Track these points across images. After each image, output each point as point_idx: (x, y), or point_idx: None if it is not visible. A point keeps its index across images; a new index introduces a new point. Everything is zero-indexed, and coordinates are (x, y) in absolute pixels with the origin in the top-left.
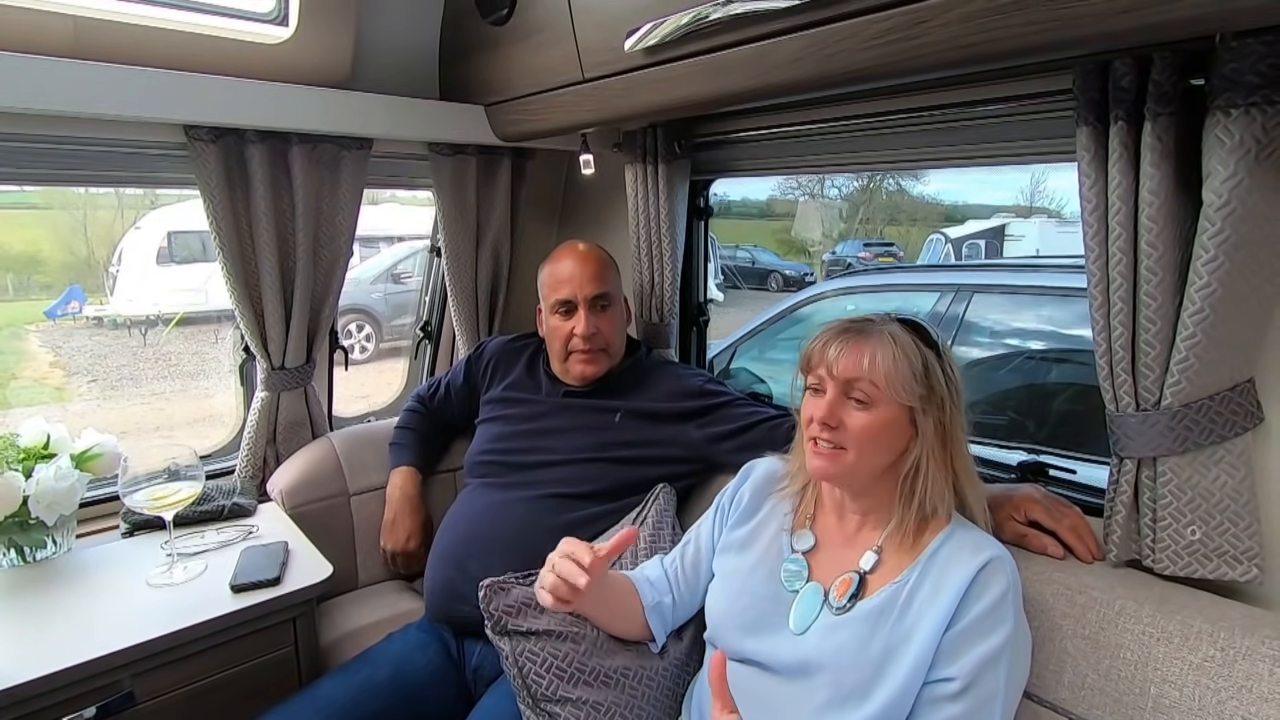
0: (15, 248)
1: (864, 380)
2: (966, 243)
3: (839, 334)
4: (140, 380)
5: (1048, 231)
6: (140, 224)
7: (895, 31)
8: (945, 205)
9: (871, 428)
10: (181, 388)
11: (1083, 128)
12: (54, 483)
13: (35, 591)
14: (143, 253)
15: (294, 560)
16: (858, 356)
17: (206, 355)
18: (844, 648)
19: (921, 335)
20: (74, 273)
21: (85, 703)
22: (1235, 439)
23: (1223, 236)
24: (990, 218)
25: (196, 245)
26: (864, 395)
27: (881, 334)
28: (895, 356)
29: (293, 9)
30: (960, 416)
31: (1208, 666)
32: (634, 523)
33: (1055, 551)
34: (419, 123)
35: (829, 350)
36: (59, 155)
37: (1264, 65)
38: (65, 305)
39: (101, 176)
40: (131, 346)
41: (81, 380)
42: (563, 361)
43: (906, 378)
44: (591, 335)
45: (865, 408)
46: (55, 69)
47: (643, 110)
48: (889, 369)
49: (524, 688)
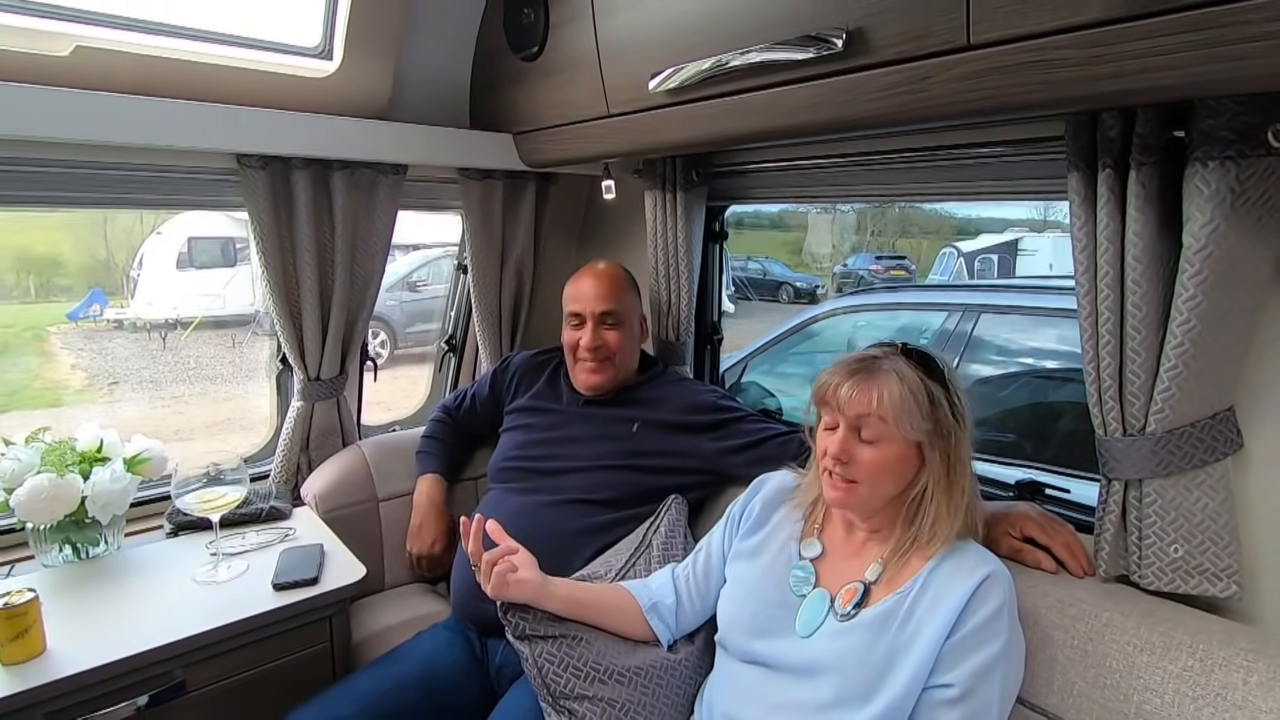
0: (37, 249)
1: (873, 418)
2: (979, 257)
3: (849, 374)
4: (160, 384)
5: (1061, 247)
6: (161, 229)
7: (901, 85)
8: (958, 219)
9: (881, 462)
10: (201, 391)
11: (1073, 173)
12: (109, 484)
13: (90, 586)
14: (163, 257)
15: (329, 561)
16: (866, 397)
17: (224, 360)
18: (848, 652)
19: (927, 368)
20: (94, 275)
21: (139, 690)
22: (1216, 463)
23: (1201, 277)
24: (1003, 232)
25: (216, 251)
26: (874, 434)
27: (889, 373)
28: (903, 395)
29: (337, 44)
30: (966, 441)
31: (1187, 676)
32: (647, 533)
33: (1048, 566)
34: (452, 150)
35: (840, 391)
36: (118, 180)
37: (1238, 122)
38: (87, 308)
39: (157, 200)
40: (151, 350)
41: (102, 382)
42: (572, 369)
43: (913, 414)
44: (595, 347)
45: (875, 444)
46: (128, 106)
47: (664, 145)
48: (896, 408)
49: (544, 687)
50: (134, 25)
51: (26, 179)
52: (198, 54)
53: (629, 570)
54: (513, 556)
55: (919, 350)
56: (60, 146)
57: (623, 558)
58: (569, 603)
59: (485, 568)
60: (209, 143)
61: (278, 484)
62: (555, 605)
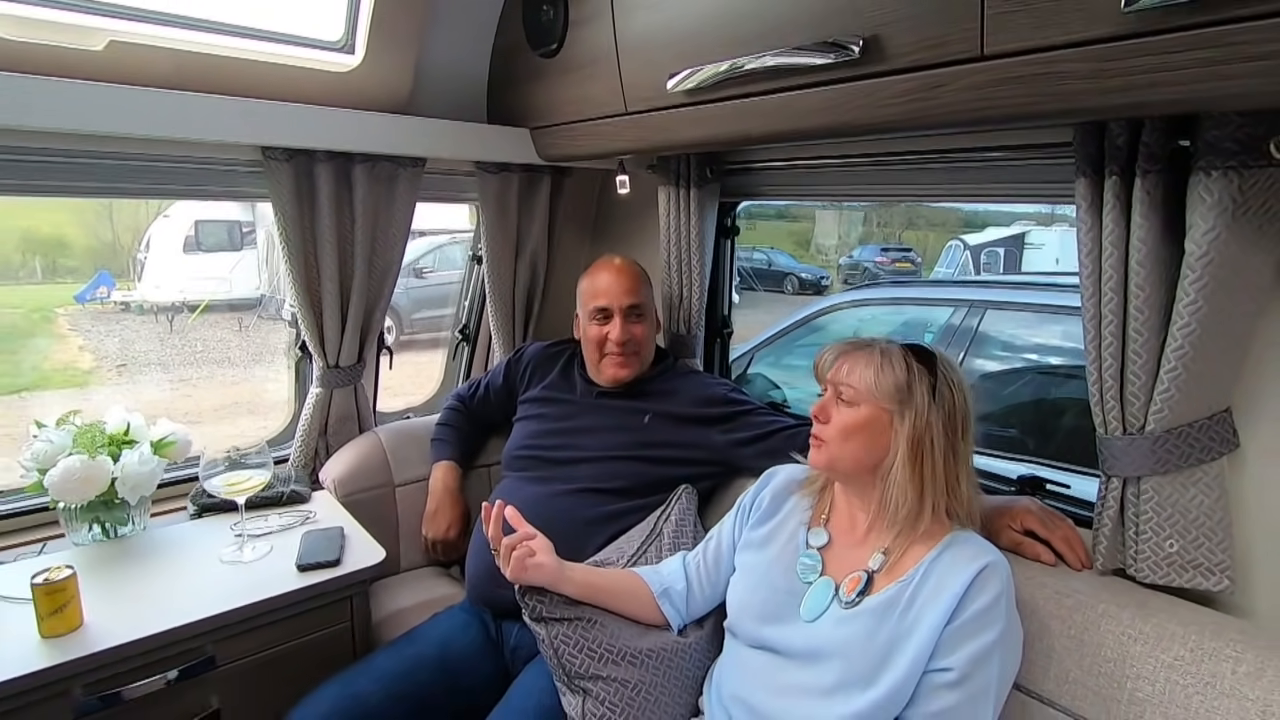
0: (42, 230)
1: (844, 383)
2: (985, 250)
3: (841, 347)
4: (168, 366)
5: (1068, 241)
6: (168, 212)
7: (913, 93)
8: (964, 211)
9: (848, 423)
10: (208, 374)
11: (1080, 179)
12: (138, 467)
13: (120, 564)
14: (171, 240)
15: (350, 544)
16: (845, 363)
17: (231, 343)
18: (852, 638)
19: (920, 357)
20: (99, 257)
21: (171, 665)
22: (1212, 462)
23: (1202, 283)
24: (1010, 225)
25: (223, 234)
26: (849, 397)
27: (874, 348)
28: (879, 365)
29: (360, 38)
30: (943, 424)
31: (1178, 665)
32: (658, 521)
33: (1048, 559)
34: (470, 144)
35: (826, 358)
36: (145, 171)
37: (1241, 134)
38: (94, 290)
39: (182, 190)
40: (158, 333)
41: (110, 364)
42: (597, 363)
43: (885, 384)
44: (625, 341)
45: (849, 406)
46: (160, 100)
47: (679, 143)
48: (866, 373)
49: (559, 667)
50: (166, 20)
51: (52, 169)
52: (225, 48)
53: (640, 557)
54: (530, 542)
55: (919, 345)
56: (91, 139)
57: (635, 545)
58: (584, 587)
59: (504, 552)
60: (236, 136)
61: (297, 468)
62: (571, 589)
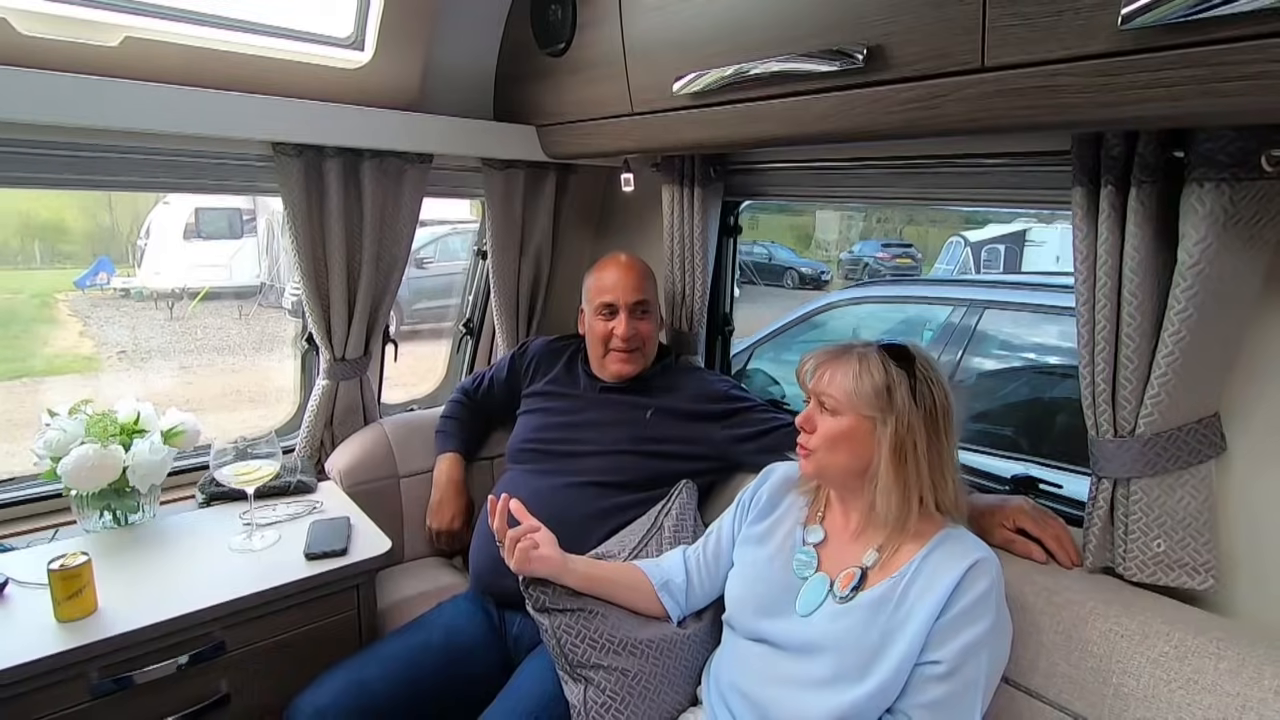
0: (41, 215)
1: (825, 392)
2: (986, 247)
3: (820, 356)
4: (168, 354)
5: (1069, 238)
6: (168, 199)
7: (916, 101)
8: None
9: (832, 432)
10: (209, 362)
11: (1077, 187)
12: (149, 455)
13: (131, 551)
14: (171, 227)
15: (356, 534)
16: (825, 372)
17: (231, 331)
18: (846, 633)
19: (898, 358)
20: (99, 243)
21: (183, 650)
22: (1199, 465)
23: (1193, 291)
24: (1011, 222)
25: (223, 222)
26: (831, 406)
27: (852, 355)
28: (858, 373)
29: (370, 35)
30: (926, 426)
31: (1162, 661)
32: (659, 515)
33: (1038, 556)
34: (477, 141)
35: (806, 367)
36: (156, 165)
37: (1233, 147)
38: (94, 276)
39: (193, 184)
40: (158, 320)
41: (110, 351)
42: (601, 359)
43: (865, 391)
44: (630, 337)
45: (833, 415)
46: (174, 96)
47: (684, 144)
48: (846, 381)
49: (561, 656)
50: (180, 16)
51: (62, 162)
52: (237, 44)
53: (641, 550)
54: (534, 535)
55: (899, 345)
56: (105, 133)
57: (636, 538)
58: (586, 579)
59: (509, 544)
60: (248, 132)
61: (302, 459)
62: (574, 581)
